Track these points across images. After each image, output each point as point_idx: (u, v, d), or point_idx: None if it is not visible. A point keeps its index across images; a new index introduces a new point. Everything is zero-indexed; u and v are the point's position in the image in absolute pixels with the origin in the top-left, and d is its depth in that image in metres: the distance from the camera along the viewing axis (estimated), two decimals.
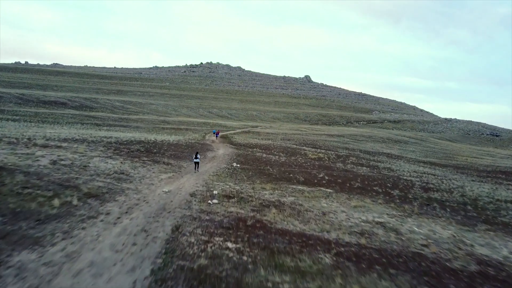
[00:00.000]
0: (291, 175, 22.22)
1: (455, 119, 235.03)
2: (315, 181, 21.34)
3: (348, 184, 21.74)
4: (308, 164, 29.67)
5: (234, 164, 23.15)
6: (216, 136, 52.90)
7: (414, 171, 40.75)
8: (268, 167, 24.18)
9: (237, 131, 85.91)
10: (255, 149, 37.68)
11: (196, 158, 21.68)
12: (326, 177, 23.24)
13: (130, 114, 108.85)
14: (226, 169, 21.31)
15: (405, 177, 31.15)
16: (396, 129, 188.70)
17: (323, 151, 49.17)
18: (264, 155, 30.85)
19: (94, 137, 29.82)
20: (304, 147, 52.49)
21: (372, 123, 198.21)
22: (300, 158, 33.89)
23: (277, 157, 31.49)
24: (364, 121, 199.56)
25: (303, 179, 21.20)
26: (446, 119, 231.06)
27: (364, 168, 33.43)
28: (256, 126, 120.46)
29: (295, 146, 51.49)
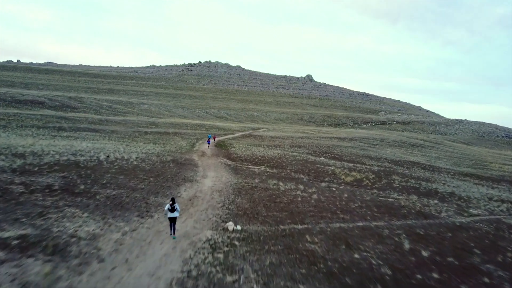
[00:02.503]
0: (356, 254, 10.08)
1: (466, 120, 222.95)
2: (418, 275, 9.20)
3: (486, 278, 9.63)
4: (357, 202, 17.42)
5: (231, 226, 10.70)
6: (208, 144, 40.56)
7: (490, 198, 28.54)
8: (299, 226, 11.97)
9: (237, 135, 73.55)
10: (263, 168, 25.46)
11: (172, 209, 10.21)
12: (423, 252, 11.07)
13: (116, 115, 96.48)
14: (211, 250, 8.96)
15: (509, 221, 19.11)
16: (406, 131, 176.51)
17: (350, 165, 36.87)
18: (281, 185, 18.52)
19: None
20: (323, 159, 40.23)
21: (380, 124, 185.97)
22: (335, 186, 21.64)
23: (301, 187, 19.19)
24: (371, 122, 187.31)
25: (389, 273, 9.07)
26: (456, 120, 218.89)
27: (437, 202, 21.18)
28: (258, 129, 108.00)
29: (312, 158, 39.21)
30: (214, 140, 54.08)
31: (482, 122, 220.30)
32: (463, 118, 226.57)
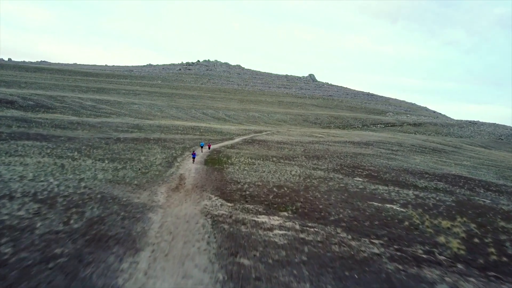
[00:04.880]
0: None
1: (479, 121, 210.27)
2: None
3: None
4: None
5: None
6: (194, 158, 28.07)
7: None
8: None
9: (236, 140, 60.95)
10: (289, 224, 12.96)
11: None
12: None
13: (97, 116, 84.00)
14: None
15: None
16: (419, 133, 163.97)
17: (409, 193, 24.31)
18: None
19: None
20: (363, 182, 27.71)
21: (390, 126, 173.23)
22: None
23: None
24: (381, 123, 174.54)
25: None
26: (469, 121, 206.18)
27: None
28: (261, 131, 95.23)
29: (349, 181, 26.67)
30: (209, 148, 41.62)
31: (494, 123, 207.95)
32: (475, 120, 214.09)
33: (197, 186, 17.91)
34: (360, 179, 29.41)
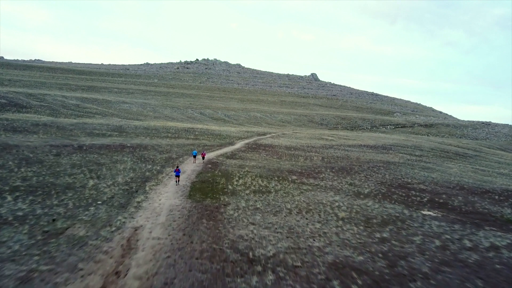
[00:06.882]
0: None
1: (491, 122, 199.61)
2: None
3: None
4: None
5: None
6: (178, 176, 17.63)
7: None
8: None
9: (238, 146, 50.28)
10: None
11: None
12: None
13: (78, 117, 73.20)
14: None
15: None
16: (432, 135, 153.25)
17: None
18: None
19: None
20: (434, 215, 17.15)
21: (401, 127, 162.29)
22: None
23: None
24: (390, 124, 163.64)
25: None
26: (483, 122, 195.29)
27: None
28: (264, 134, 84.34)
29: (435, 227, 16.09)
30: (203, 158, 31.01)
31: (509, 125, 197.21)
32: (487, 120, 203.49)
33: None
34: (432, 214, 18.83)
